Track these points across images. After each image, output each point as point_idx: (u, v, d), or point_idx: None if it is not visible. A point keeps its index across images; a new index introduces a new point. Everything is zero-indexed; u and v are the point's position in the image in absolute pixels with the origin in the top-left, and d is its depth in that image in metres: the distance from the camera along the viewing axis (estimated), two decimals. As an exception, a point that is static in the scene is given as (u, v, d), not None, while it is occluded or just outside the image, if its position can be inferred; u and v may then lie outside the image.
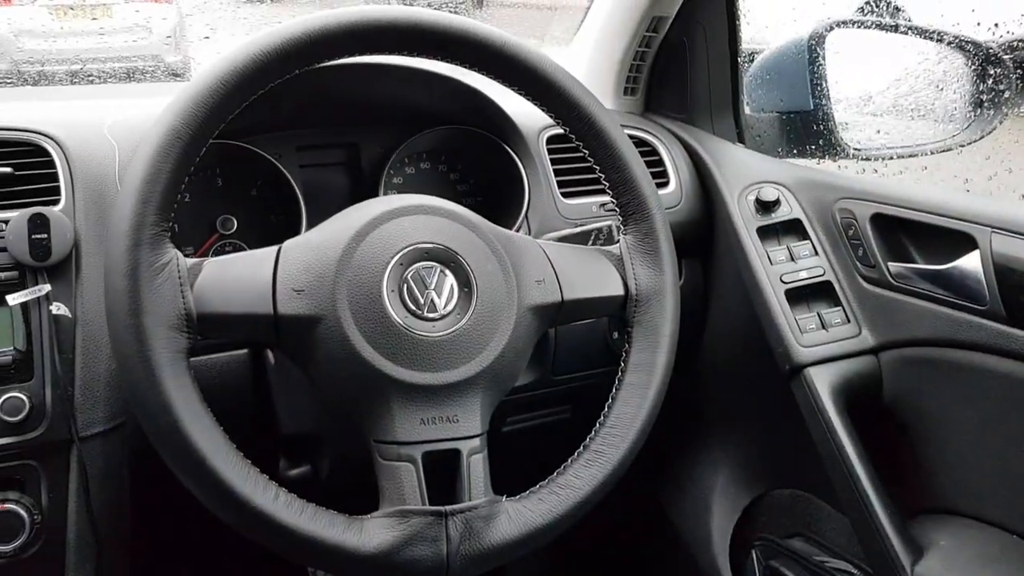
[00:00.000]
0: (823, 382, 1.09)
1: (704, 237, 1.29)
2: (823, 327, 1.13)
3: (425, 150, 1.21)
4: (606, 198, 1.17)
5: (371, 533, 0.74)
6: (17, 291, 0.88)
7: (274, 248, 0.80)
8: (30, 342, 0.89)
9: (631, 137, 1.28)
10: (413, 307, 0.78)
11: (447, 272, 0.80)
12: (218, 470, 0.71)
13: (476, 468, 0.78)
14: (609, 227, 1.01)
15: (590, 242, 1.02)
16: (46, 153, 0.95)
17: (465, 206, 1.24)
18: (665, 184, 1.27)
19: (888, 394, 1.12)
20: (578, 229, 1.05)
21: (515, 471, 0.92)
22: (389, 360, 0.76)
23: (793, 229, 1.21)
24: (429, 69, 1.12)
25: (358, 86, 1.13)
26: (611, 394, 0.86)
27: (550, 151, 1.21)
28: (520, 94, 0.88)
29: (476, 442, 0.79)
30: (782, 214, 1.21)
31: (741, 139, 1.39)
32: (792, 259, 1.18)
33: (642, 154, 1.26)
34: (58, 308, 0.90)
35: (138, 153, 0.74)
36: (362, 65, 1.08)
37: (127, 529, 1.02)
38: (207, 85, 0.75)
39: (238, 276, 0.77)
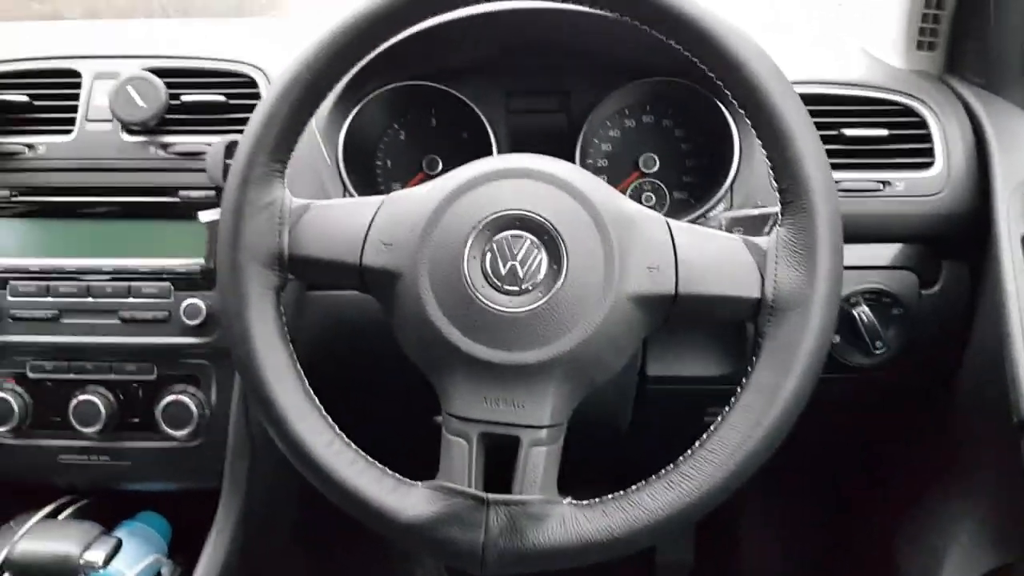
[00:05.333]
0: None
1: (974, 236, 1.03)
2: None
3: (635, 102, 1.11)
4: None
5: (413, 502, 0.72)
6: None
7: (381, 197, 0.79)
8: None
9: (893, 104, 1.06)
10: (493, 277, 0.72)
11: (539, 245, 0.73)
12: (280, 405, 0.74)
13: (535, 461, 0.72)
14: None
15: (766, 228, 0.86)
16: (255, 84, 1.04)
17: (685, 167, 1.15)
18: (928, 166, 1.03)
19: None
20: (756, 211, 0.89)
21: None
22: (458, 329, 0.72)
23: None
24: None
25: (568, 33, 1.07)
26: (723, 412, 0.73)
27: None
28: (677, 47, 0.75)
29: (541, 433, 0.72)
30: None
31: (1068, 114, 1.07)
32: None
33: (906, 126, 1.05)
34: None
35: (264, 94, 0.77)
36: (569, 11, 1.01)
37: None
38: (331, 32, 0.76)
39: (337, 221, 0.78)
